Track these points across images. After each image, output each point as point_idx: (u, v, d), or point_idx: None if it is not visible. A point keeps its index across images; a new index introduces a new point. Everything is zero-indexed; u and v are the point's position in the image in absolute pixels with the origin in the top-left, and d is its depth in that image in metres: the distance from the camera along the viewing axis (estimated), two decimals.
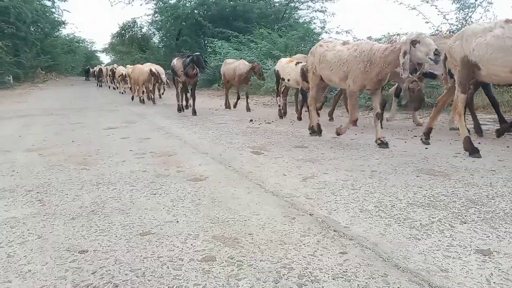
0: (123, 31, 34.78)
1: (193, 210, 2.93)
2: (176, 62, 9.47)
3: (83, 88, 26.02)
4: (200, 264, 2.11)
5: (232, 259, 2.15)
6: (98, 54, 55.79)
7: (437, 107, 5.17)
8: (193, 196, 3.26)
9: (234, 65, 10.08)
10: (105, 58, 56.72)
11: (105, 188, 3.55)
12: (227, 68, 10.33)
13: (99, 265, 2.14)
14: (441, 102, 5.17)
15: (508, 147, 4.81)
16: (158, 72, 12.40)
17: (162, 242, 2.39)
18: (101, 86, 26.28)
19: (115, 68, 23.35)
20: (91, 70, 36.61)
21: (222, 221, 2.69)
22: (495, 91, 8.25)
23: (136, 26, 33.46)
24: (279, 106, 8.56)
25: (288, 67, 7.83)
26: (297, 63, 7.63)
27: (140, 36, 33.77)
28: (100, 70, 27.94)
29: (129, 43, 34.28)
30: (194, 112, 9.17)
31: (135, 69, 13.58)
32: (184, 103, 10.06)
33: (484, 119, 7.08)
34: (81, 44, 46.13)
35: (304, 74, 7.13)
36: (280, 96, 8.57)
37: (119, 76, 18.42)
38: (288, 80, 7.83)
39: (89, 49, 52.25)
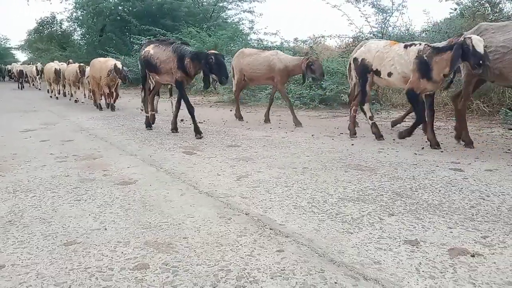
0: (41, 27, 32.63)
1: (122, 216, 2.78)
2: (155, 49, 6.29)
3: None
4: (132, 272, 1.99)
5: (166, 265, 2.06)
6: (13, 52, 51.68)
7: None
8: (122, 201, 3.09)
9: (267, 56, 7.05)
10: (21, 56, 52.66)
11: (23, 195, 3.26)
12: (249, 61, 7.20)
13: (18, 280, 1.95)
14: None
15: (426, 142, 5.14)
16: (124, 69, 9.58)
17: (89, 252, 2.23)
18: (23, 88, 22.33)
19: (41, 66, 20.48)
20: (7, 69, 33.40)
21: (155, 226, 2.57)
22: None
23: (55, 22, 31.58)
24: (371, 119, 5.51)
25: (391, 52, 5.01)
26: (407, 45, 4.89)
27: (60, 33, 31.86)
28: (21, 71, 22.79)
29: (47, 40, 32.18)
30: (198, 132, 5.91)
31: (95, 65, 10.15)
32: (156, 113, 7.35)
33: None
34: None
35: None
36: (367, 103, 5.51)
37: (52, 76, 14.21)
38: (389, 74, 5.03)
39: (3, 46, 48.25)
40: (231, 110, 9.59)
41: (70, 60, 14.21)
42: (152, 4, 22.58)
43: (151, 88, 7.31)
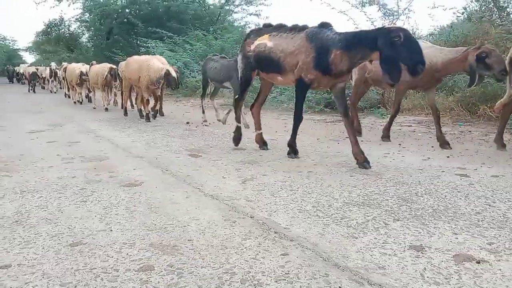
0: (49, 29, 32.93)
1: (128, 217, 2.79)
2: (276, 40, 4.52)
3: (4, 90, 24.17)
4: (137, 274, 2.01)
5: (171, 267, 2.07)
6: (21, 53, 52.15)
7: None
8: (127, 202, 3.11)
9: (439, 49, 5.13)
10: (28, 57, 53.16)
11: (30, 196, 3.29)
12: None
13: (24, 280, 1.96)
14: None
15: (432, 147, 5.13)
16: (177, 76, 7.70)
17: (95, 253, 2.24)
18: (35, 91, 19.89)
19: (55, 67, 19.02)
20: (16, 70, 32.89)
21: (160, 228, 2.59)
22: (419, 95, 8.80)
23: (63, 24, 31.86)
24: None
25: None
26: None
27: (67, 34, 32.15)
28: (34, 73, 19.92)
29: (55, 42, 32.48)
30: (293, 151, 4.67)
31: (133, 64, 8.33)
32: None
33: (409, 121, 7.52)
34: (1, 42, 42.83)
35: None
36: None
37: (78, 78, 11.94)
38: None
39: (11, 47, 48.67)
40: None
41: (94, 62, 12.51)
42: (159, 7, 22.73)
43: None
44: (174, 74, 7.49)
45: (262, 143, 5.23)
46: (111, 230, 2.56)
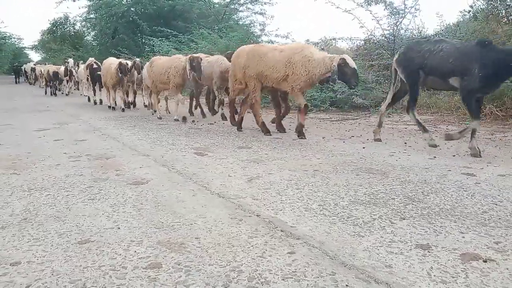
0: (54, 28, 33.11)
1: (135, 215, 2.81)
2: None
3: (12, 88, 24.29)
4: (145, 271, 2.02)
5: (179, 265, 2.08)
6: (27, 51, 52.49)
7: None
8: (134, 200, 3.13)
9: None
10: (34, 56, 53.48)
11: (37, 194, 3.32)
12: None
13: (34, 277, 1.98)
14: None
15: (438, 145, 5.11)
16: None
17: (103, 250, 2.26)
18: (56, 94, 17.03)
19: (73, 66, 15.82)
20: (24, 69, 31.43)
21: (167, 226, 2.60)
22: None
23: (68, 22, 32.02)
24: None
25: None
26: None
27: (73, 33, 32.34)
28: (56, 73, 16.60)
29: (61, 40, 32.65)
30: None
31: (268, 54, 5.84)
32: None
33: None
34: (7, 40, 43.01)
35: None
36: None
37: (114, 77, 9.54)
38: None
39: (17, 45, 48.95)
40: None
41: (137, 60, 10.27)
42: (164, 6, 22.80)
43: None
44: (352, 63, 5.09)
45: None
46: (119, 228, 2.58)
